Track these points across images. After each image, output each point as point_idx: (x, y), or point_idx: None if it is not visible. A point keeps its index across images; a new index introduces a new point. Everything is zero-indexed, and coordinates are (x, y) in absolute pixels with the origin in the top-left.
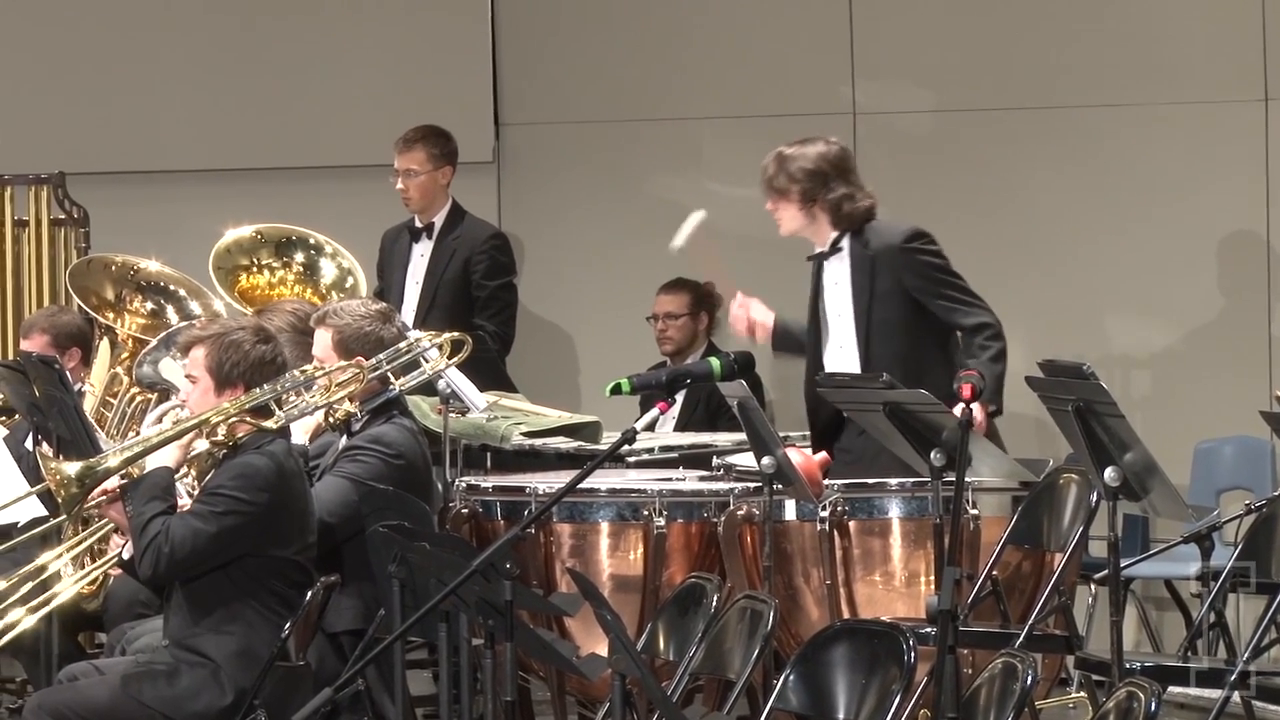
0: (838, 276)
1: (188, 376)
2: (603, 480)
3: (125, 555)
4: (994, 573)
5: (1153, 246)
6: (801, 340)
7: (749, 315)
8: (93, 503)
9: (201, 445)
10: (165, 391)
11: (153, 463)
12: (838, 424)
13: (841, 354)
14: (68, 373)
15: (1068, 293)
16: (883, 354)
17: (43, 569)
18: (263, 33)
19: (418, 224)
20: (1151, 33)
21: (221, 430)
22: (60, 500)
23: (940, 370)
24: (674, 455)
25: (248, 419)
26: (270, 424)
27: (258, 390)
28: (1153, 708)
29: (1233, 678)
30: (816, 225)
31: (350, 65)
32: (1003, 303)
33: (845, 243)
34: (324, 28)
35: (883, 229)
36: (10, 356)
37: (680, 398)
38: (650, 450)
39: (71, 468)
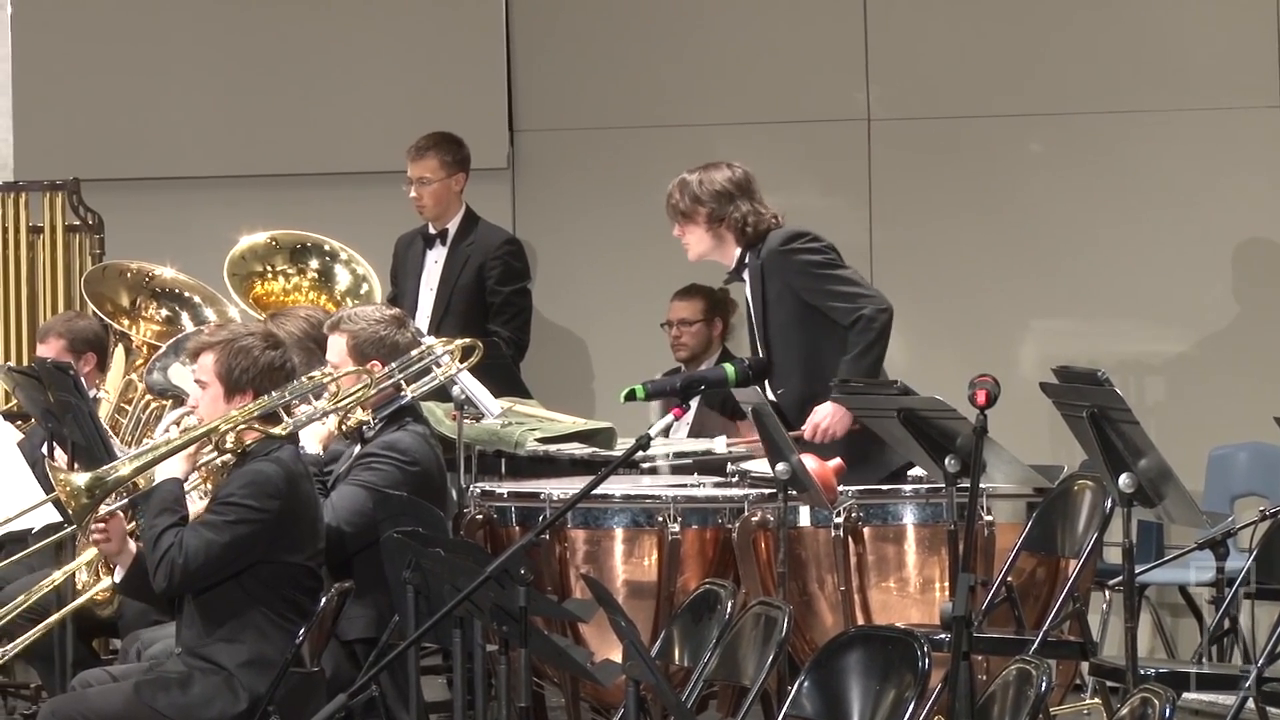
0: (747, 293)
1: (197, 382)
2: (617, 486)
3: (117, 579)
4: (1008, 579)
5: (1167, 252)
6: None
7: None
8: (96, 527)
9: (210, 453)
10: (178, 398)
11: (161, 474)
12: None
13: (766, 364)
14: (82, 379)
15: (1082, 299)
16: (784, 358)
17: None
18: (277, 40)
19: (432, 230)
20: (1167, 39)
21: (231, 437)
22: (71, 511)
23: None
24: (688, 461)
25: (256, 426)
26: (279, 430)
27: (266, 397)
28: (1167, 714)
29: (1247, 684)
30: (724, 246)
31: (365, 72)
32: (1017, 308)
33: (747, 259)
34: (338, 35)
35: (769, 237)
36: (26, 362)
37: (694, 403)
38: (665, 456)
39: (81, 478)
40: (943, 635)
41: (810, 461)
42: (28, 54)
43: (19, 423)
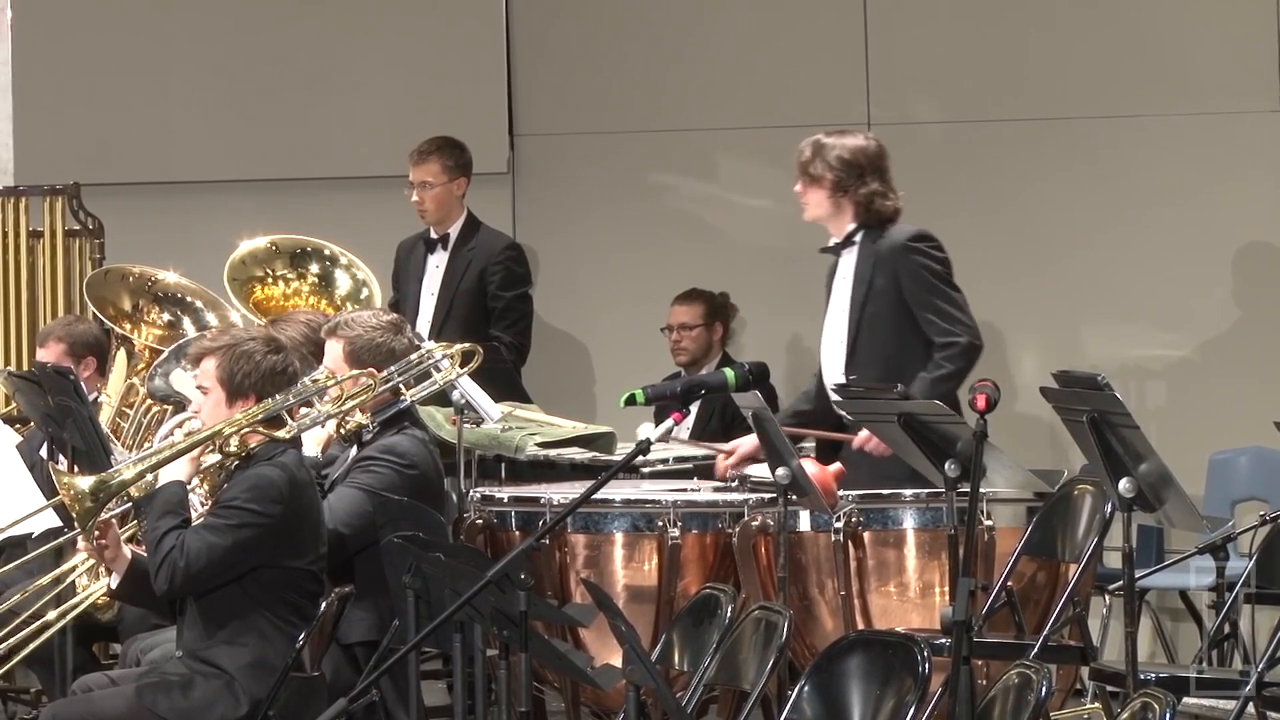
0: (846, 270)
1: (199, 388)
2: (617, 491)
3: (113, 585)
4: (1009, 583)
5: (1168, 257)
6: (811, 406)
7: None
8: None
9: (213, 457)
10: (180, 404)
11: (164, 477)
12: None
13: (840, 349)
14: (83, 383)
15: (1082, 303)
16: (869, 350)
17: (58, 582)
18: (277, 44)
19: (433, 235)
20: (1166, 43)
21: (234, 441)
22: (74, 515)
23: (914, 378)
24: (689, 466)
25: (260, 429)
26: (282, 434)
27: (269, 401)
28: (1167, 718)
29: (1247, 688)
30: (839, 216)
31: (365, 77)
32: (1017, 313)
33: (859, 237)
34: (339, 39)
35: (895, 229)
36: (26, 367)
37: (695, 408)
38: (665, 461)
39: (84, 482)
40: (943, 640)
41: (810, 466)
42: (28, 58)
43: (18, 427)
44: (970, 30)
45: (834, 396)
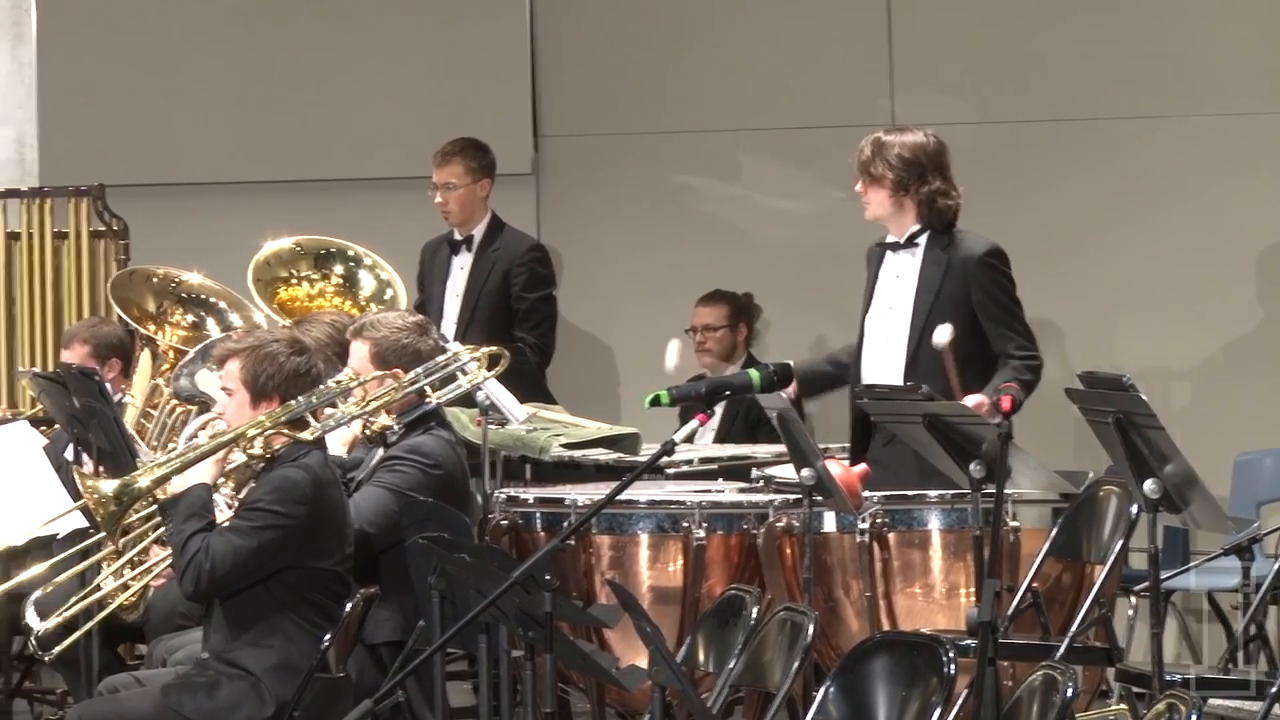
0: (901, 270)
1: (223, 389)
2: (642, 492)
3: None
4: (1034, 585)
5: (1192, 258)
6: (826, 375)
7: None
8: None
9: (238, 458)
10: (204, 404)
11: (190, 479)
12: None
13: (887, 348)
14: (107, 384)
15: (1106, 304)
16: (929, 358)
17: (84, 582)
18: (301, 46)
19: (457, 236)
20: (1189, 44)
21: (258, 443)
22: (99, 518)
23: (976, 388)
24: (713, 467)
25: (284, 431)
26: (306, 435)
27: (293, 402)
28: None
29: (1274, 689)
30: (901, 216)
31: (389, 78)
32: (1041, 314)
33: (922, 239)
34: (362, 40)
35: (967, 237)
36: (51, 368)
37: (719, 409)
38: (689, 462)
39: (109, 486)
40: (968, 641)
41: (835, 467)
42: (53, 61)
43: (44, 428)
44: (993, 29)
45: (858, 399)
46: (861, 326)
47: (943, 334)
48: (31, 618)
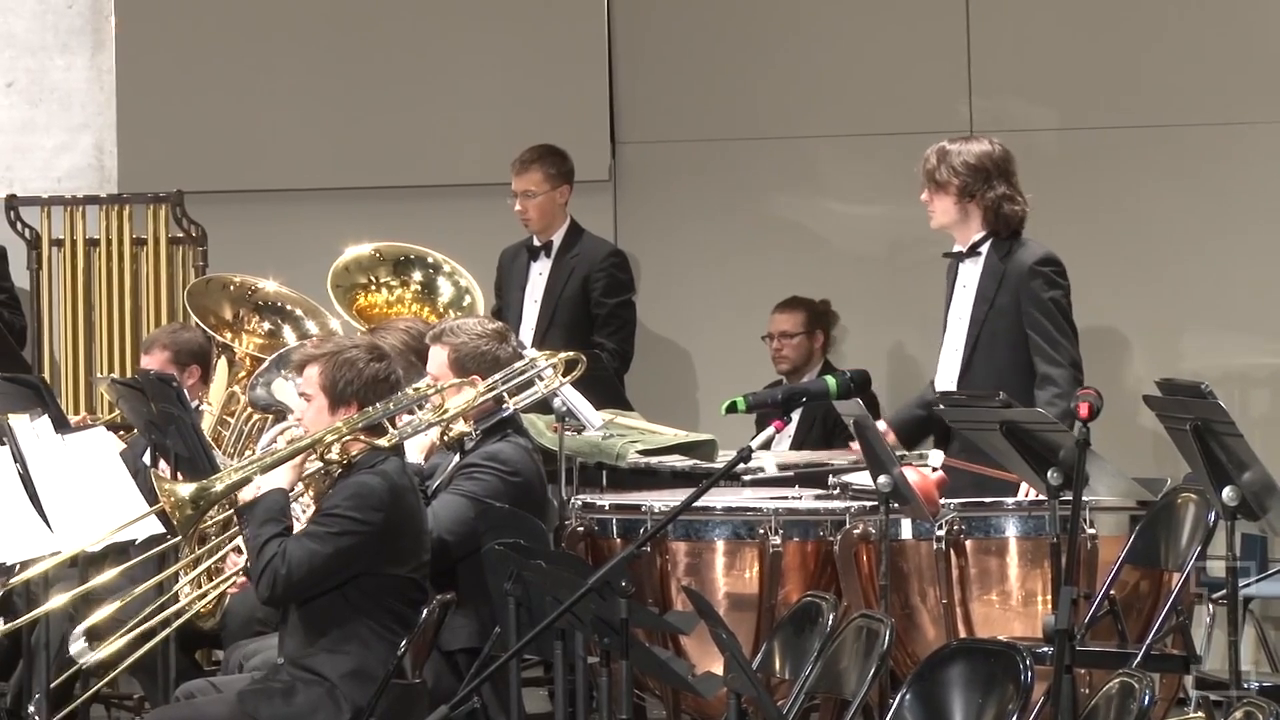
0: (968, 279)
1: (302, 395)
2: (718, 499)
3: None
4: (1111, 592)
5: (1272, 264)
6: (920, 419)
7: None
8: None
9: (315, 464)
10: (280, 413)
11: (267, 484)
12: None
13: (955, 357)
14: (185, 391)
15: (1186, 310)
16: (984, 366)
17: (161, 589)
18: (380, 53)
19: (536, 242)
20: (1272, 50)
21: (335, 449)
22: (175, 522)
23: (1029, 398)
24: (790, 474)
25: (361, 437)
26: (384, 442)
27: (371, 409)
28: None
29: None
30: (966, 223)
31: (468, 85)
32: (1120, 321)
33: (985, 247)
34: (442, 47)
35: (1026, 245)
36: (130, 374)
37: (796, 416)
38: (766, 469)
39: (185, 489)
40: (1045, 648)
41: (912, 474)
42: (132, 68)
43: (121, 433)
44: (1072, 35)
45: (937, 406)
46: (943, 338)
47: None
48: (76, 647)
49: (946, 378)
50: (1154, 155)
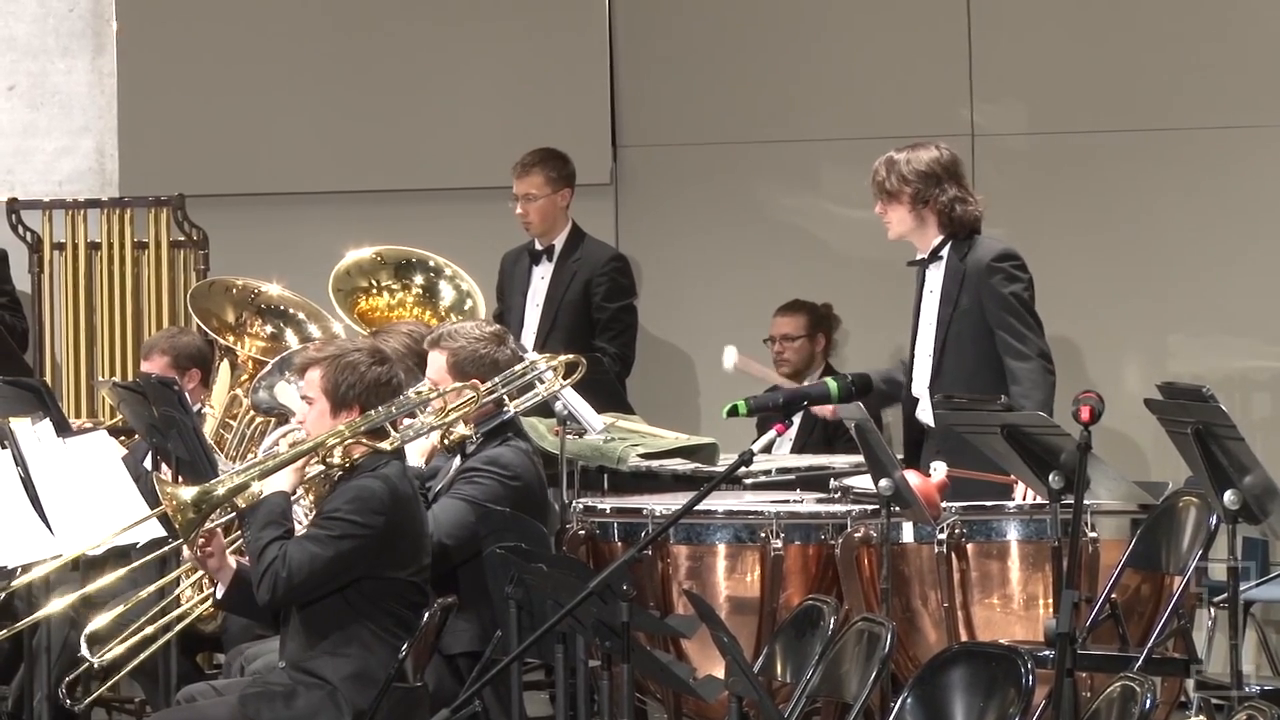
0: (933, 284)
1: (304, 398)
2: (720, 502)
3: (218, 595)
4: (1113, 596)
5: (1272, 268)
6: (887, 386)
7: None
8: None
9: (317, 468)
10: (283, 416)
11: (268, 488)
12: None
13: (928, 362)
14: (187, 394)
15: (1186, 314)
16: (953, 369)
17: (163, 593)
18: (381, 56)
19: (537, 246)
20: (1272, 53)
21: (337, 452)
22: (177, 526)
23: (1005, 393)
24: (791, 477)
25: (363, 441)
26: (385, 445)
27: (373, 412)
28: None
29: None
30: (924, 229)
31: (469, 88)
32: (1121, 325)
33: (946, 250)
34: (442, 51)
35: (982, 243)
36: (130, 378)
37: (797, 419)
38: (767, 472)
39: (187, 493)
40: (1047, 652)
41: (913, 478)
42: (133, 71)
43: (122, 438)
44: (1075, 40)
45: (936, 409)
46: (911, 345)
47: (729, 357)
48: (85, 651)
49: (921, 383)
50: (1153, 159)
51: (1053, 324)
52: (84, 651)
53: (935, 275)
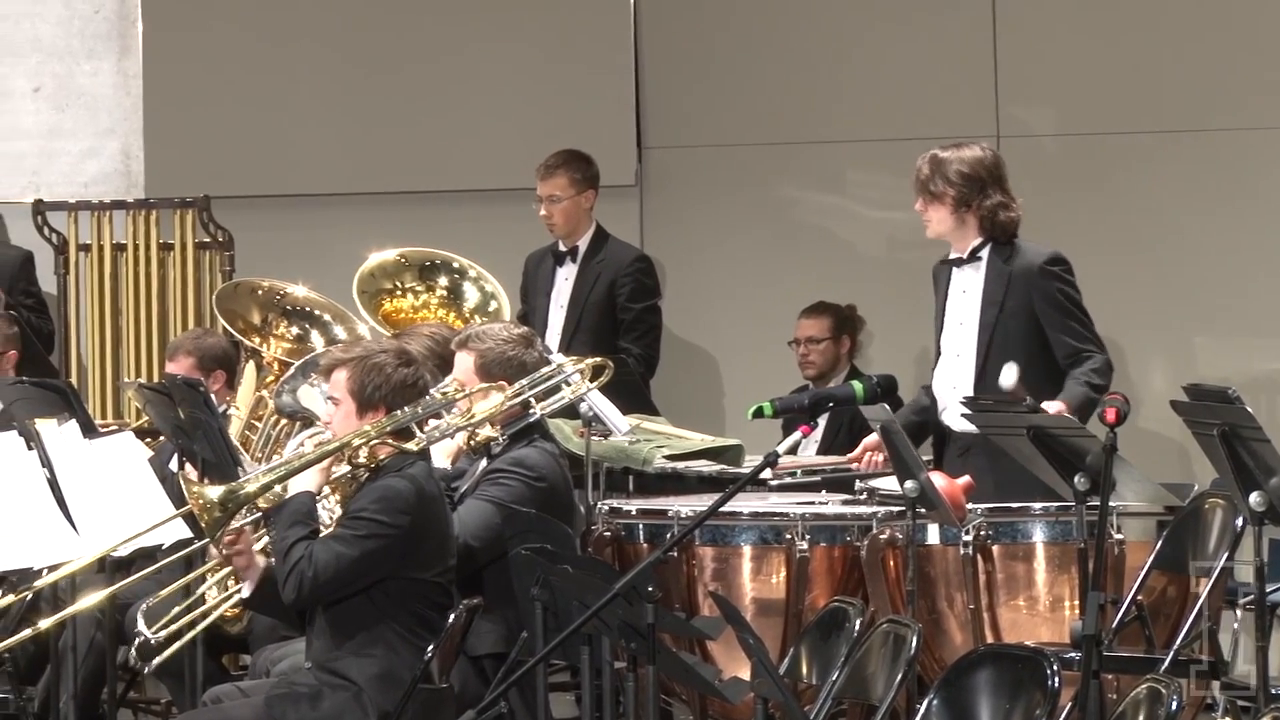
0: (967, 285)
1: (329, 399)
2: (745, 504)
3: (245, 594)
4: (1139, 597)
5: None
6: (914, 424)
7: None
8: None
9: (343, 468)
10: (307, 419)
11: (294, 487)
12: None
13: (958, 363)
14: (212, 396)
15: (1213, 316)
16: (998, 370)
17: (188, 592)
18: (405, 58)
19: (562, 248)
20: None
21: (363, 453)
22: (204, 525)
23: (1049, 397)
24: (816, 479)
25: (389, 441)
26: (411, 446)
27: (399, 413)
28: None
29: None
30: (963, 230)
31: (494, 90)
32: (1148, 327)
33: (985, 253)
34: (468, 53)
35: (1027, 248)
36: (156, 379)
37: (823, 421)
38: (793, 474)
39: (214, 492)
40: (1073, 654)
41: (939, 479)
42: (158, 73)
43: (148, 439)
44: (1101, 42)
45: (962, 409)
46: (938, 344)
47: (1009, 375)
48: (140, 625)
49: (947, 381)
50: (1179, 161)
51: None
52: (140, 626)
53: (971, 277)
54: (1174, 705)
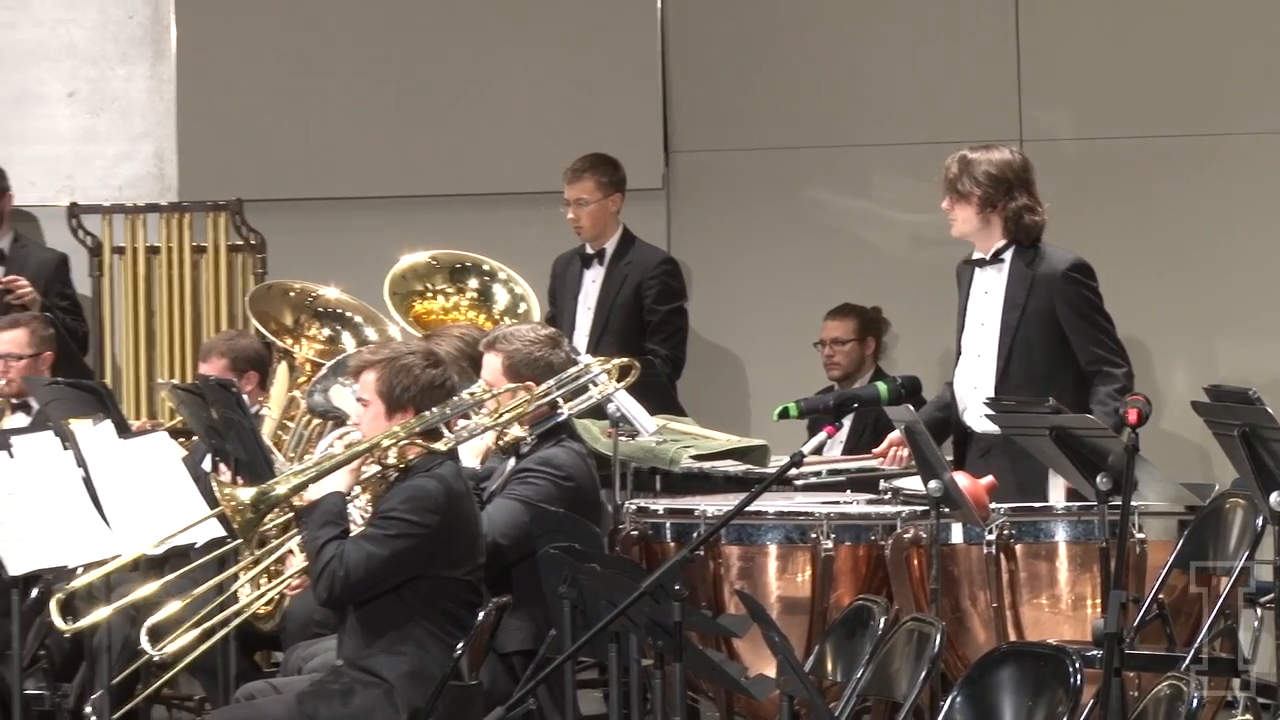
0: (989, 286)
1: (359, 400)
2: (771, 503)
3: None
4: (1160, 596)
5: None
6: (937, 421)
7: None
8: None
9: (372, 468)
10: (339, 419)
11: (325, 488)
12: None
13: (979, 363)
14: (245, 396)
15: (1234, 317)
16: (1020, 372)
17: (221, 590)
18: (435, 62)
19: (589, 250)
20: None
21: (392, 453)
22: (236, 525)
23: (1070, 400)
24: (841, 479)
25: (418, 442)
26: (440, 446)
27: (428, 413)
28: None
29: None
30: (988, 231)
31: (522, 94)
32: (1169, 329)
33: (1008, 255)
34: (495, 57)
35: (1051, 252)
36: (189, 380)
37: (848, 421)
38: (818, 473)
39: (246, 493)
40: (1094, 652)
41: (962, 479)
42: (192, 77)
43: (182, 440)
44: (1124, 46)
45: (985, 410)
46: (959, 344)
47: (900, 419)
48: (145, 644)
49: (968, 381)
50: (1201, 164)
51: None
52: (144, 644)
53: (994, 278)
54: (1195, 703)
